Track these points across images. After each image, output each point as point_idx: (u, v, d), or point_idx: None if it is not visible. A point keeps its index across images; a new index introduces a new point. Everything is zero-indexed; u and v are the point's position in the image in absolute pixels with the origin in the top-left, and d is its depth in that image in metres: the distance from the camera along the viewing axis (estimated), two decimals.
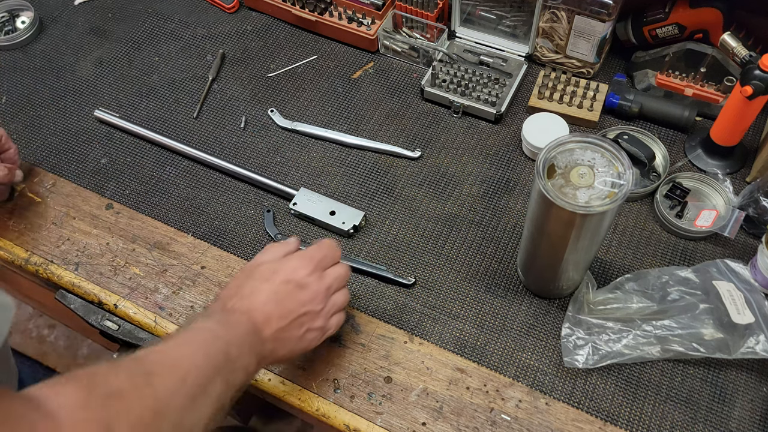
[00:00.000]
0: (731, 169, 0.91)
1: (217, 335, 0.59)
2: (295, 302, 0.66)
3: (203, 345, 0.57)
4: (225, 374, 0.56)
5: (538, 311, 0.81)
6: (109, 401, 0.45)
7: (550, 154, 0.66)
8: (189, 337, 0.58)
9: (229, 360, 0.57)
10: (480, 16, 1.04)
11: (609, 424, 0.73)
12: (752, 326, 0.73)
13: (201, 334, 0.59)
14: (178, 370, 0.52)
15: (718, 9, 0.91)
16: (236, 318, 0.62)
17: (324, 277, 0.69)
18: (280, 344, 0.65)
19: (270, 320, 0.64)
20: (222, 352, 0.57)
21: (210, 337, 0.58)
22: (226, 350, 0.58)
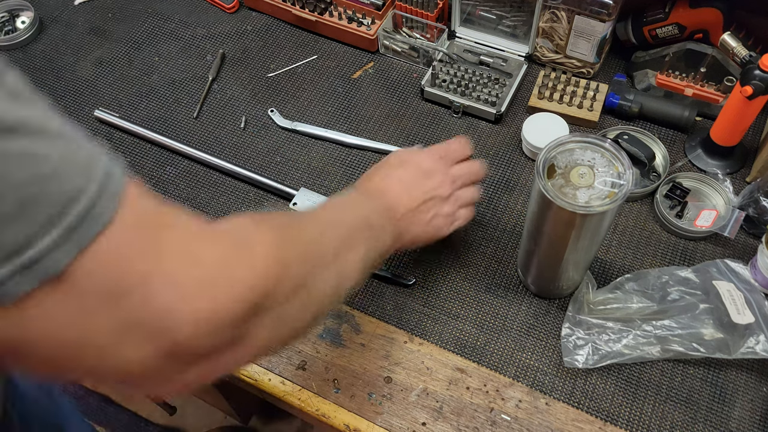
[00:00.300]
0: (731, 169, 0.91)
1: (360, 204, 0.64)
2: (421, 189, 0.70)
3: (350, 208, 0.62)
4: (368, 238, 0.60)
5: (538, 311, 0.81)
6: (274, 228, 0.48)
7: (550, 154, 0.66)
8: (334, 202, 0.64)
9: (370, 227, 0.61)
10: (480, 16, 1.04)
11: (609, 424, 0.73)
12: (752, 326, 0.73)
13: (346, 201, 0.64)
14: (326, 222, 0.57)
15: (718, 9, 0.91)
16: (373, 196, 0.67)
17: (451, 169, 0.74)
18: (410, 226, 0.69)
19: (400, 202, 0.68)
20: (365, 218, 0.62)
21: (354, 204, 0.63)
22: (368, 217, 0.62)
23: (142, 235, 0.36)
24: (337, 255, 0.54)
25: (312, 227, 0.55)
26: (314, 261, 0.51)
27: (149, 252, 0.36)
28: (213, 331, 0.38)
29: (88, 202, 0.33)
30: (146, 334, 0.36)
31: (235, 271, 0.40)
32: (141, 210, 0.37)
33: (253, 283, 0.41)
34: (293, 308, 0.47)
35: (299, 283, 0.47)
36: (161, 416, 1.67)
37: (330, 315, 0.82)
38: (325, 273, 0.52)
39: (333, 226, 0.57)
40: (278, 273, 0.44)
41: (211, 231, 0.42)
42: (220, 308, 0.38)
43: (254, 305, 0.41)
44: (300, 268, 0.48)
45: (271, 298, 0.43)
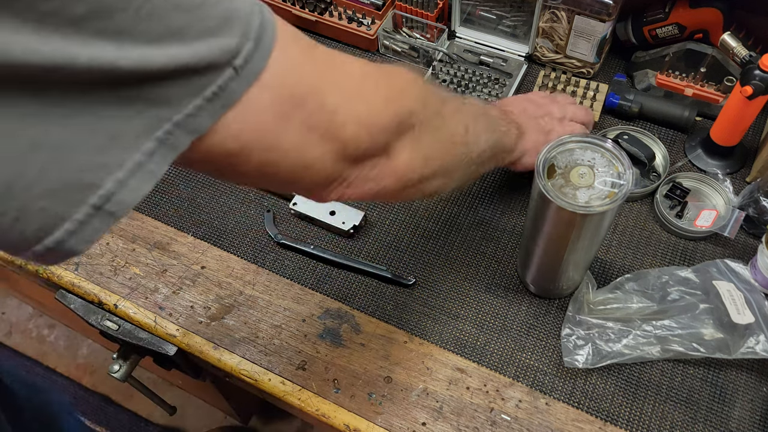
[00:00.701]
0: (731, 169, 0.91)
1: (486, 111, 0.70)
2: (537, 109, 0.82)
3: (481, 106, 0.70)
4: (494, 127, 0.69)
5: (538, 311, 0.81)
6: (423, 88, 0.55)
7: (550, 154, 0.66)
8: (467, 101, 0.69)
9: (496, 121, 0.70)
10: (480, 16, 1.04)
11: (609, 424, 0.73)
12: (752, 326, 0.73)
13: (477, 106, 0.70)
14: (465, 114, 0.63)
15: (718, 9, 0.91)
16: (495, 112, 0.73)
17: (563, 106, 0.85)
18: (530, 130, 0.77)
19: (522, 115, 0.78)
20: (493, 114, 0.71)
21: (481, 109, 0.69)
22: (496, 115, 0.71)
23: (301, 50, 0.43)
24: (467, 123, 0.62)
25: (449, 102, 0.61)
26: (449, 108, 0.59)
27: (312, 65, 0.43)
28: (369, 131, 0.47)
29: (261, 18, 0.39)
30: (321, 135, 0.44)
31: (383, 87, 0.49)
32: (289, 30, 0.43)
33: (401, 97, 0.50)
34: (430, 138, 0.55)
35: (436, 115, 0.56)
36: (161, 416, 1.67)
37: (330, 315, 0.82)
38: (457, 120, 0.60)
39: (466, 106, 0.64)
40: (423, 97, 0.53)
41: (374, 64, 0.51)
42: (374, 112, 0.47)
43: (401, 118, 0.50)
44: (437, 106, 0.56)
45: (414, 117, 0.51)
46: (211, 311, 0.83)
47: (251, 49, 0.38)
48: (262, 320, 0.82)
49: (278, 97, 0.40)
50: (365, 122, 0.46)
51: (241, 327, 0.82)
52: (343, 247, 0.87)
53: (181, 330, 0.82)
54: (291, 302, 0.83)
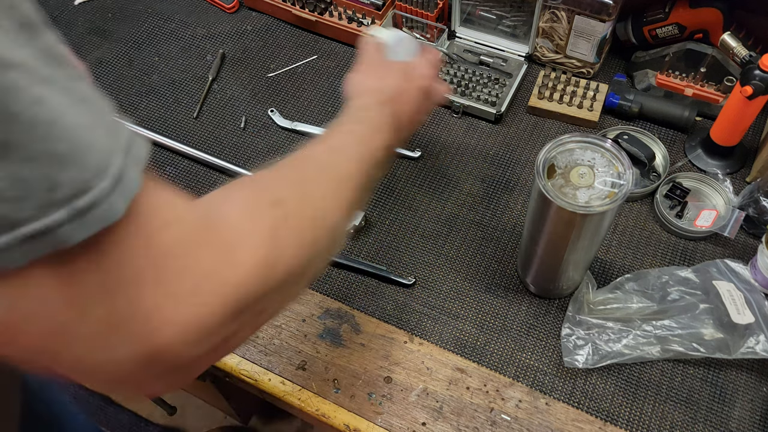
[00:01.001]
0: (731, 169, 0.91)
1: (370, 131, 0.63)
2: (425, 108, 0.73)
3: (355, 145, 0.60)
4: (371, 169, 0.60)
5: (538, 311, 0.81)
6: (274, 208, 0.46)
7: (550, 154, 0.66)
8: (346, 136, 0.62)
9: (374, 157, 0.61)
10: (480, 16, 1.04)
11: (609, 424, 0.73)
12: (752, 326, 0.73)
13: (356, 129, 0.63)
14: (332, 174, 0.55)
15: (718, 9, 0.91)
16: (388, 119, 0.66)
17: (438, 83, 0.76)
18: (405, 140, 0.71)
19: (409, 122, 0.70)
20: (370, 153, 0.61)
21: (364, 135, 0.62)
22: (373, 152, 0.61)
23: (141, 232, 0.36)
24: (339, 210, 0.53)
25: (315, 195, 0.52)
26: (318, 232, 0.50)
27: (144, 251, 0.36)
28: (194, 338, 0.38)
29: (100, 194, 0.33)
30: (132, 335, 0.36)
31: (220, 277, 0.39)
32: (145, 204, 0.36)
33: (237, 291, 0.40)
34: (279, 299, 0.46)
35: (294, 271, 0.46)
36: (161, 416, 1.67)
37: (330, 315, 0.82)
38: (330, 234, 0.52)
39: (336, 186, 0.55)
40: (266, 273, 0.42)
41: (205, 231, 0.40)
42: (203, 315, 0.38)
43: (236, 312, 0.40)
44: (297, 253, 0.46)
45: (255, 300, 0.42)
46: None
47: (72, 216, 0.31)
48: None
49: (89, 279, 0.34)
50: (188, 327, 0.37)
51: None
52: (343, 247, 0.87)
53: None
54: (293, 302, 0.84)
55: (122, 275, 0.35)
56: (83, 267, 0.33)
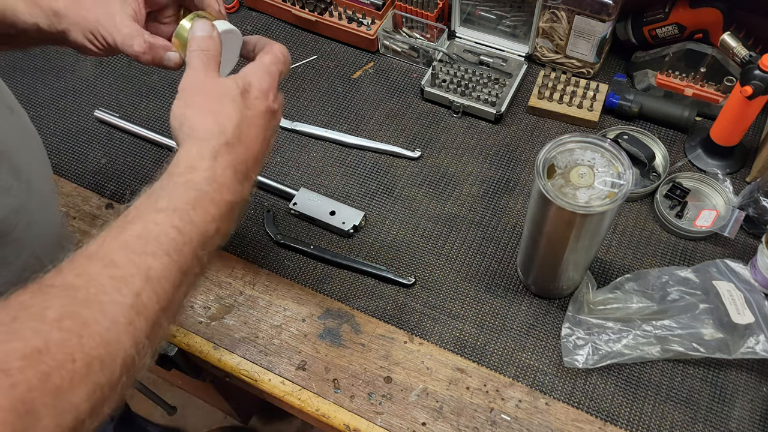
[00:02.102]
0: (731, 169, 0.91)
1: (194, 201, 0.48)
2: (271, 133, 0.57)
3: (165, 242, 0.46)
4: (195, 261, 0.48)
5: (538, 311, 0.81)
6: (28, 367, 0.35)
7: (550, 154, 0.66)
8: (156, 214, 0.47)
9: (206, 241, 0.48)
10: (480, 16, 1.04)
11: (609, 424, 0.73)
12: (752, 326, 0.73)
13: (174, 202, 0.48)
14: (125, 287, 0.42)
15: (718, 9, 0.91)
16: (223, 176, 0.51)
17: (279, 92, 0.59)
18: (257, 168, 0.56)
19: (256, 160, 0.55)
20: (198, 234, 0.47)
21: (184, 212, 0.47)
22: (203, 231, 0.48)
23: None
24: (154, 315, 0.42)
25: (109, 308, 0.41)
26: (102, 373, 0.39)
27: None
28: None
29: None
30: None
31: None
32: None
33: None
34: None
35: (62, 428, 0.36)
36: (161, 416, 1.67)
37: (330, 315, 0.82)
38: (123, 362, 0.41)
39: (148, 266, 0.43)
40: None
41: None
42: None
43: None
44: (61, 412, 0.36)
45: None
46: (211, 311, 0.83)
47: None
48: (262, 320, 0.82)
49: None
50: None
51: (241, 327, 0.82)
52: (343, 247, 0.87)
53: (181, 330, 0.82)
54: (291, 302, 0.83)
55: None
56: None
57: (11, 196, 0.52)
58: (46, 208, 0.59)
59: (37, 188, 0.58)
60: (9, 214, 0.51)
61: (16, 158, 0.55)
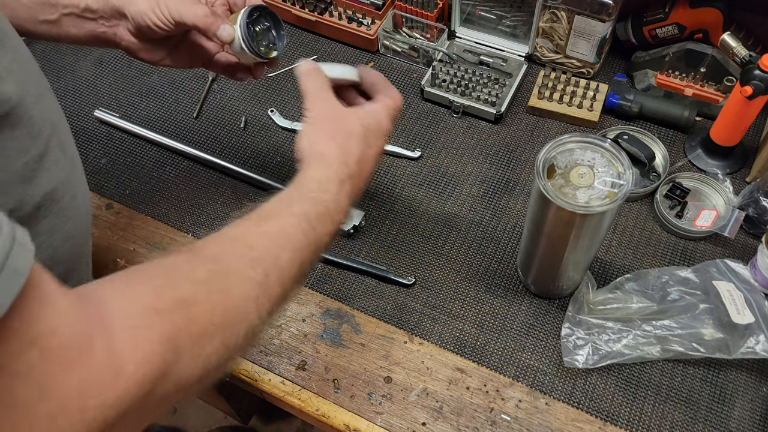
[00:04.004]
0: (731, 169, 0.91)
1: (319, 214, 0.55)
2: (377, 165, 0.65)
3: (299, 232, 0.52)
4: (312, 257, 0.54)
5: (538, 311, 0.81)
6: (177, 309, 0.41)
7: (550, 154, 0.66)
8: (289, 218, 0.53)
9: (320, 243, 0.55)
10: (480, 16, 1.04)
11: (609, 424, 0.73)
12: (752, 326, 0.73)
13: (306, 209, 0.54)
14: (259, 267, 0.48)
15: (718, 9, 0.91)
16: (346, 195, 0.58)
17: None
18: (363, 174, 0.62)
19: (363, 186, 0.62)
20: (317, 240, 0.54)
21: (309, 220, 0.54)
22: (321, 238, 0.55)
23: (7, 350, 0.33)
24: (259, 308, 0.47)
25: (245, 281, 0.47)
26: (229, 334, 0.44)
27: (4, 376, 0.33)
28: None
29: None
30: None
31: (89, 400, 0.35)
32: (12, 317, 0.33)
33: (110, 411, 0.36)
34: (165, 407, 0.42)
35: (189, 380, 0.42)
36: None
37: (330, 315, 0.82)
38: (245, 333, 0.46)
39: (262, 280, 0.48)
40: (151, 388, 0.38)
41: (83, 341, 0.36)
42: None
43: (107, 426, 0.36)
44: (196, 358, 0.42)
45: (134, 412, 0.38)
46: None
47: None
48: None
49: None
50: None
51: None
52: (343, 247, 0.87)
53: None
54: (291, 302, 0.83)
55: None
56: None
57: (59, 168, 0.56)
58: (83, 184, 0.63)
59: (77, 164, 0.62)
60: (58, 186, 0.56)
61: (62, 132, 0.59)
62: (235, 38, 0.66)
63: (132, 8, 0.66)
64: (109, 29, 0.69)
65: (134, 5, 0.66)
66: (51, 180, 0.56)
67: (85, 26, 0.68)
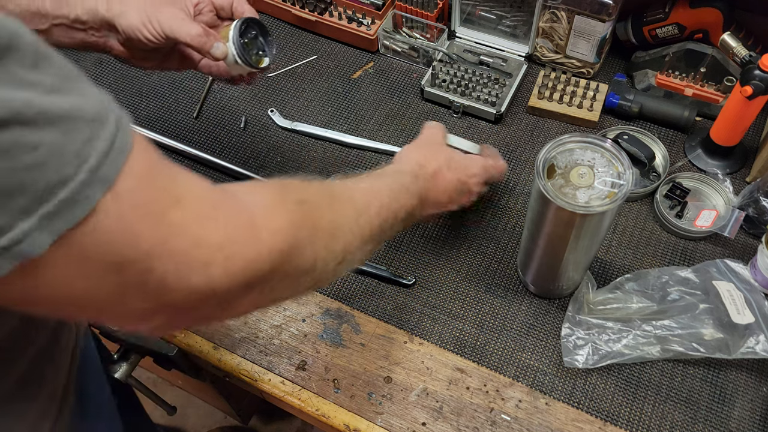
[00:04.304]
0: (731, 169, 0.91)
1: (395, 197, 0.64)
2: (455, 201, 0.75)
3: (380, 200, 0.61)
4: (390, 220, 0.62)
5: (538, 311, 0.81)
6: (298, 206, 0.49)
7: (550, 154, 0.66)
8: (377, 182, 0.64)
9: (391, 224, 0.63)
10: (480, 16, 1.04)
11: (609, 424, 0.73)
12: (752, 326, 0.73)
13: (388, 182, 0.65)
14: (356, 204, 0.58)
15: (718, 9, 0.91)
16: (419, 192, 0.69)
17: (483, 186, 0.78)
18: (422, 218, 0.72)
19: (436, 204, 0.73)
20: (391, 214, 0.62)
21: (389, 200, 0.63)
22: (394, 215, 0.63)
23: (148, 211, 0.38)
24: (352, 236, 0.56)
25: (338, 211, 0.55)
26: (333, 243, 0.53)
27: (154, 230, 0.38)
28: (203, 301, 0.42)
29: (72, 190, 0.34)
30: (145, 296, 0.39)
31: (234, 253, 0.42)
32: (149, 182, 0.38)
33: (251, 267, 0.43)
34: (291, 286, 0.50)
35: (305, 268, 0.49)
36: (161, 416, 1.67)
37: (330, 315, 0.82)
38: (343, 251, 0.54)
39: (357, 213, 0.58)
40: (281, 260, 0.45)
41: (224, 207, 0.43)
42: (214, 285, 0.41)
43: (246, 285, 0.43)
44: (312, 252, 0.49)
45: (266, 280, 0.45)
46: None
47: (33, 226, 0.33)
48: (262, 320, 0.82)
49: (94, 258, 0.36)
50: (197, 294, 0.41)
51: (241, 327, 0.82)
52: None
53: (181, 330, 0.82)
54: (291, 302, 0.83)
55: (129, 252, 0.37)
56: (90, 246, 0.35)
57: None
58: None
59: None
60: None
61: None
62: (228, 54, 0.69)
63: (123, 22, 0.67)
64: (99, 39, 0.71)
65: (125, 19, 0.67)
66: None
67: (75, 36, 0.70)
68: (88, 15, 0.68)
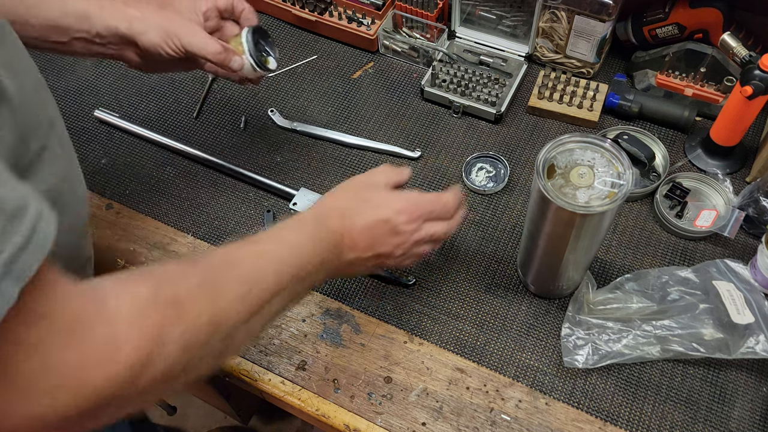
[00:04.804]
0: (731, 169, 0.91)
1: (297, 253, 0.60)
2: (383, 244, 0.66)
3: (278, 263, 0.58)
4: (288, 292, 0.58)
5: (538, 311, 0.81)
6: (168, 308, 0.46)
7: (550, 154, 0.66)
8: (268, 249, 0.59)
9: (297, 280, 0.59)
10: (480, 16, 1.04)
11: (609, 424, 0.73)
12: (752, 326, 0.73)
13: (281, 250, 0.60)
14: (244, 285, 0.54)
15: (718, 9, 0.91)
16: (328, 237, 0.63)
17: (421, 229, 0.67)
18: (350, 269, 0.67)
19: (355, 248, 0.65)
20: (293, 275, 0.58)
21: (289, 256, 0.59)
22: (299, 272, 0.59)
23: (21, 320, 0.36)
24: (239, 322, 0.52)
25: (219, 302, 0.51)
26: (215, 337, 0.49)
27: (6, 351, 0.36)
28: (47, 428, 0.39)
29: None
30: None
31: (83, 377, 0.39)
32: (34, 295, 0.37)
33: (101, 389, 0.40)
34: (150, 397, 0.47)
35: (168, 376, 0.46)
36: (161, 416, 1.67)
37: (330, 315, 0.82)
38: (227, 337, 0.51)
39: (243, 297, 0.53)
40: (139, 373, 0.42)
41: (79, 324, 0.40)
42: (52, 414, 0.38)
43: (96, 409, 0.40)
44: (183, 357, 0.46)
45: (120, 397, 0.42)
46: None
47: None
48: None
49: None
50: (41, 422, 0.38)
51: None
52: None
53: None
54: None
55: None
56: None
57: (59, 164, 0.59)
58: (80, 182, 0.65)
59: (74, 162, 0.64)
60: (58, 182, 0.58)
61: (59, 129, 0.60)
62: (245, 64, 0.75)
63: (144, 39, 0.70)
64: (116, 52, 0.74)
65: (146, 36, 0.70)
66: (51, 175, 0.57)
67: (93, 49, 0.72)
68: (108, 31, 0.70)
